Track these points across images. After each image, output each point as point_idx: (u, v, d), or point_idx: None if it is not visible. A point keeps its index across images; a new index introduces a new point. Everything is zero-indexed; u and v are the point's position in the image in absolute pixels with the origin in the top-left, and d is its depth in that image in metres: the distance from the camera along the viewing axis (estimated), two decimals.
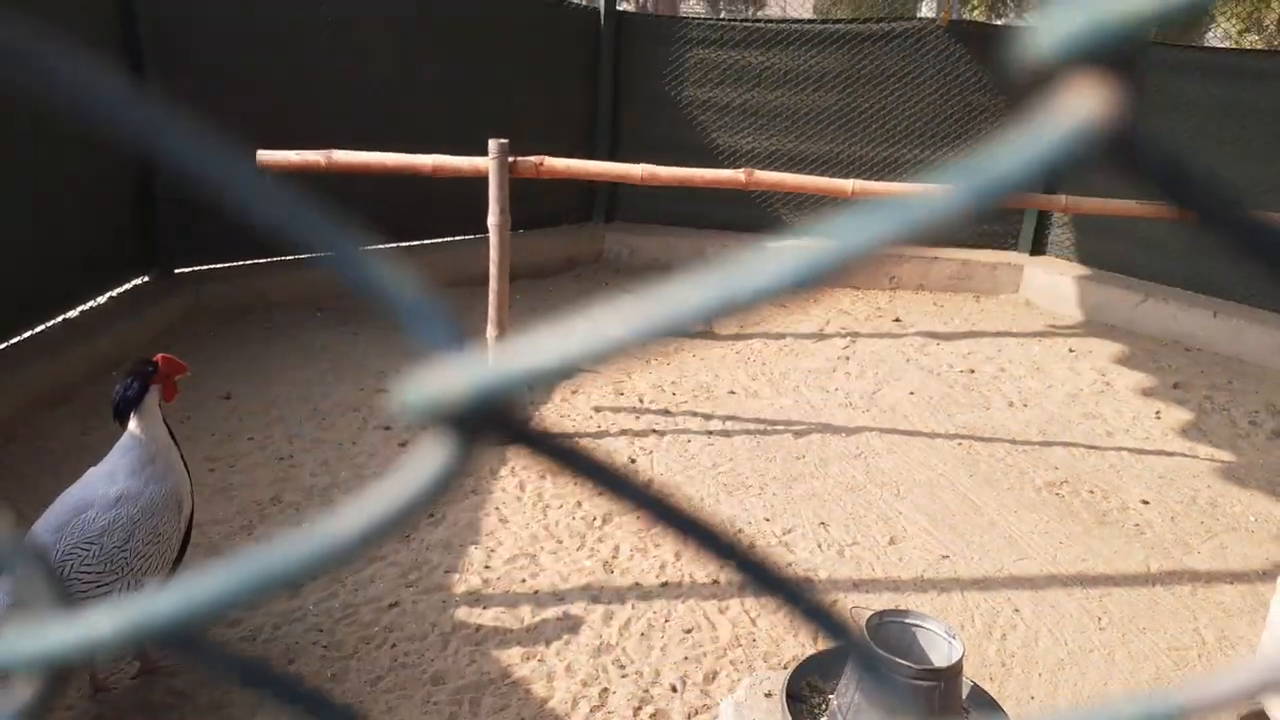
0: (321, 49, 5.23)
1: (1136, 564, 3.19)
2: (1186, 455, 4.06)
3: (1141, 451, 4.08)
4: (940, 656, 1.96)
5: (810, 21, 6.41)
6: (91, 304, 4.55)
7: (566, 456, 0.30)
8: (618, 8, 6.43)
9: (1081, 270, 6.17)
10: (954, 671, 1.90)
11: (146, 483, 2.18)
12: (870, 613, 2.02)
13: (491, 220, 3.68)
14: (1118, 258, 6.05)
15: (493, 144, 3.62)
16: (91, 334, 4.28)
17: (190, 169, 0.29)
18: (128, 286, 4.84)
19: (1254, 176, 5.23)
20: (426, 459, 0.30)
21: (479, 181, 3.74)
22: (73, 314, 4.43)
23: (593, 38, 6.39)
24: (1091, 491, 3.68)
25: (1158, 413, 4.52)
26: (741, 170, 3.70)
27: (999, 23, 11.32)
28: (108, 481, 2.15)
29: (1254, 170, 5.26)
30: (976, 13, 14.67)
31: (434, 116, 5.71)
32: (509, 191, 3.69)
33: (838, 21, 6.40)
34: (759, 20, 6.64)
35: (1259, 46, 8.87)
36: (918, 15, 10.16)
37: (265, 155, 3.68)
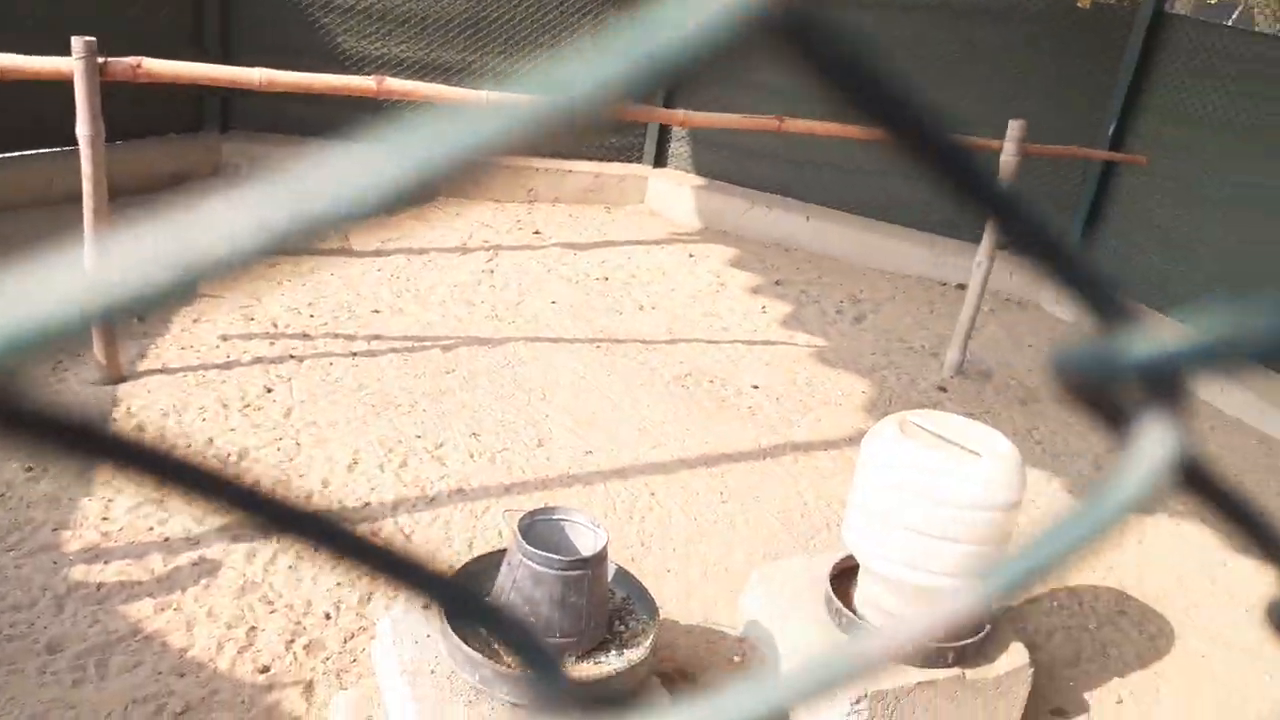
0: None
1: (750, 442, 3.61)
2: (787, 343, 4.61)
3: (751, 343, 4.57)
4: (586, 546, 2.11)
5: None
6: None
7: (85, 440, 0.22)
8: None
9: (698, 181, 6.67)
10: (599, 559, 2.06)
11: None
12: (522, 514, 2.12)
13: (81, 131, 3.22)
14: (727, 170, 6.61)
15: (76, 42, 3.14)
16: None
17: None
18: None
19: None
20: None
21: (61, 85, 3.25)
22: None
23: None
24: (711, 381, 4.08)
25: (764, 308, 5.07)
26: (372, 78, 3.54)
27: None
28: None
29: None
30: None
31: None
32: (100, 98, 3.24)
33: None
34: None
35: None
36: None
37: None
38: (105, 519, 2.72)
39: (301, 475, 3.06)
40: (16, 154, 5.30)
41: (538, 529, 2.08)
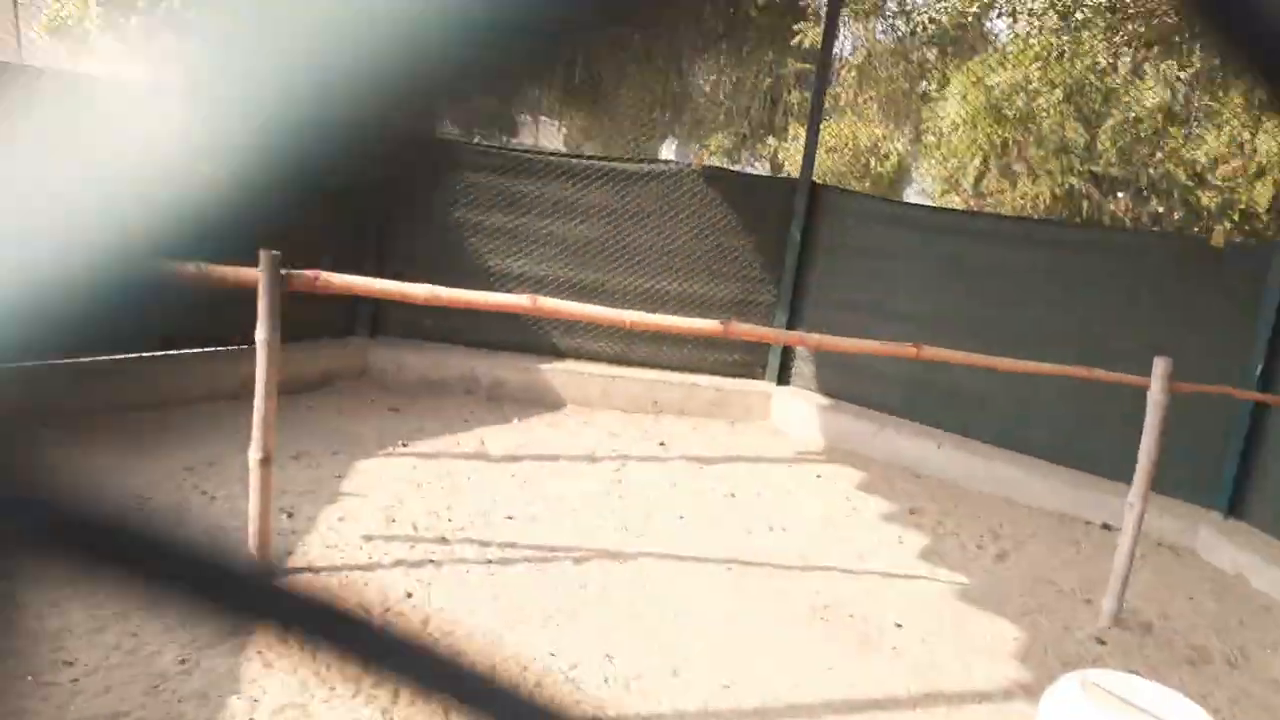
0: None
1: (899, 687, 3.41)
2: (929, 579, 4.43)
3: (890, 575, 4.41)
4: None
5: (577, 156, 6.71)
6: None
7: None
8: None
9: (824, 401, 6.70)
10: None
11: None
12: None
13: (260, 335, 3.47)
14: (854, 391, 6.63)
15: (263, 255, 3.44)
16: None
17: None
18: None
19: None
20: None
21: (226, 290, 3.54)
22: None
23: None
24: (852, 615, 3.92)
25: (900, 538, 4.93)
26: (526, 296, 3.75)
27: (748, 171, 12.37)
28: None
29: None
30: (714, 158, 15.98)
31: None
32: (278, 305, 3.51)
33: (603, 159, 6.74)
34: (528, 150, 6.85)
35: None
36: (664, 158, 10.91)
37: None
38: (251, 719, 2.70)
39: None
40: (188, 351, 5.73)
41: None
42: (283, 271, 3.40)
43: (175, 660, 2.95)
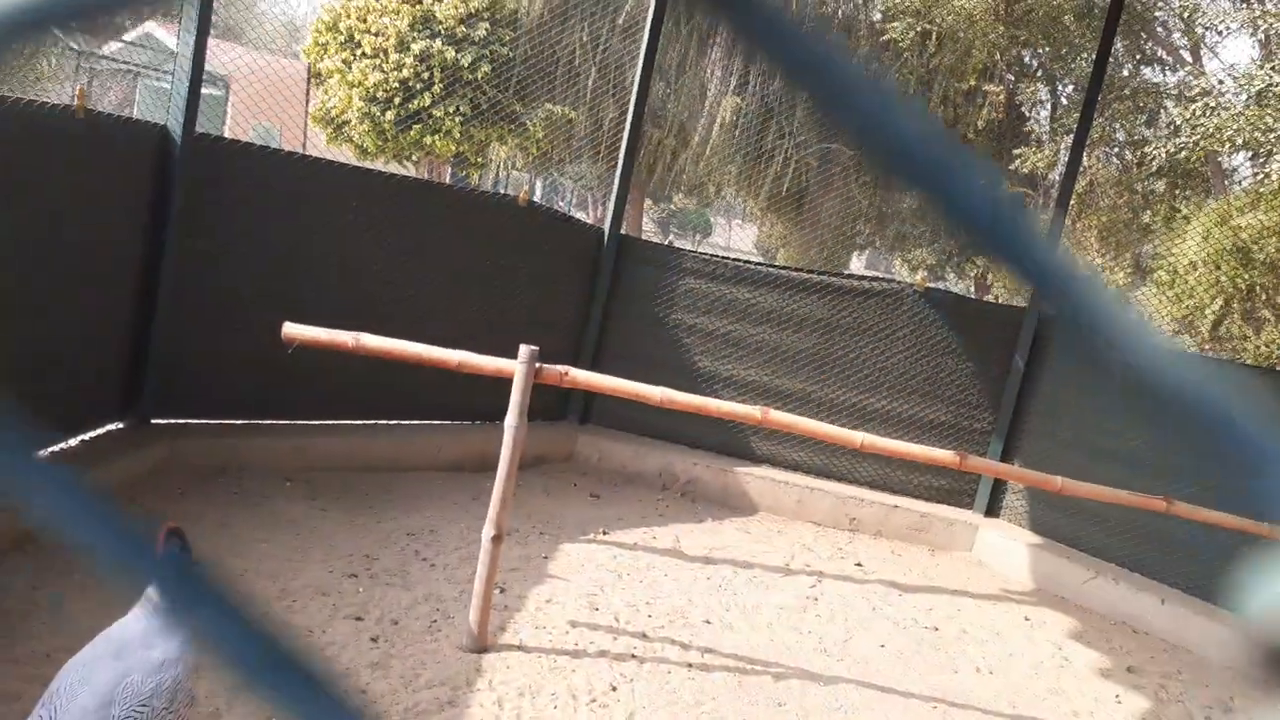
0: (333, 239, 5.38)
1: None
2: None
3: None
4: None
5: (797, 269, 6.83)
6: (62, 446, 4.36)
7: None
8: (620, 231, 6.78)
9: (1033, 538, 6.37)
10: None
11: (180, 646, 2.13)
12: None
13: (509, 422, 3.70)
14: (1068, 531, 6.27)
15: (523, 349, 3.69)
16: None
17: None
18: (100, 431, 4.66)
19: None
20: None
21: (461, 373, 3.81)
22: (43, 454, 4.22)
23: (595, 254, 6.69)
24: None
25: (1118, 696, 4.57)
26: (758, 407, 3.83)
27: (974, 297, 12.16)
28: (144, 644, 2.09)
29: None
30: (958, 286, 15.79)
31: (432, 306, 5.83)
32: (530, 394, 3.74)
33: (822, 273, 6.82)
34: (748, 261, 7.03)
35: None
36: (869, 273, 10.86)
37: (292, 329, 3.69)
38: None
39: None
40: (416, 422, 6.14)
41: None
42: (537, 365, 3.64)
43: None
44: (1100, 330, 0.25)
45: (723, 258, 6.88)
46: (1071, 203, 12.43)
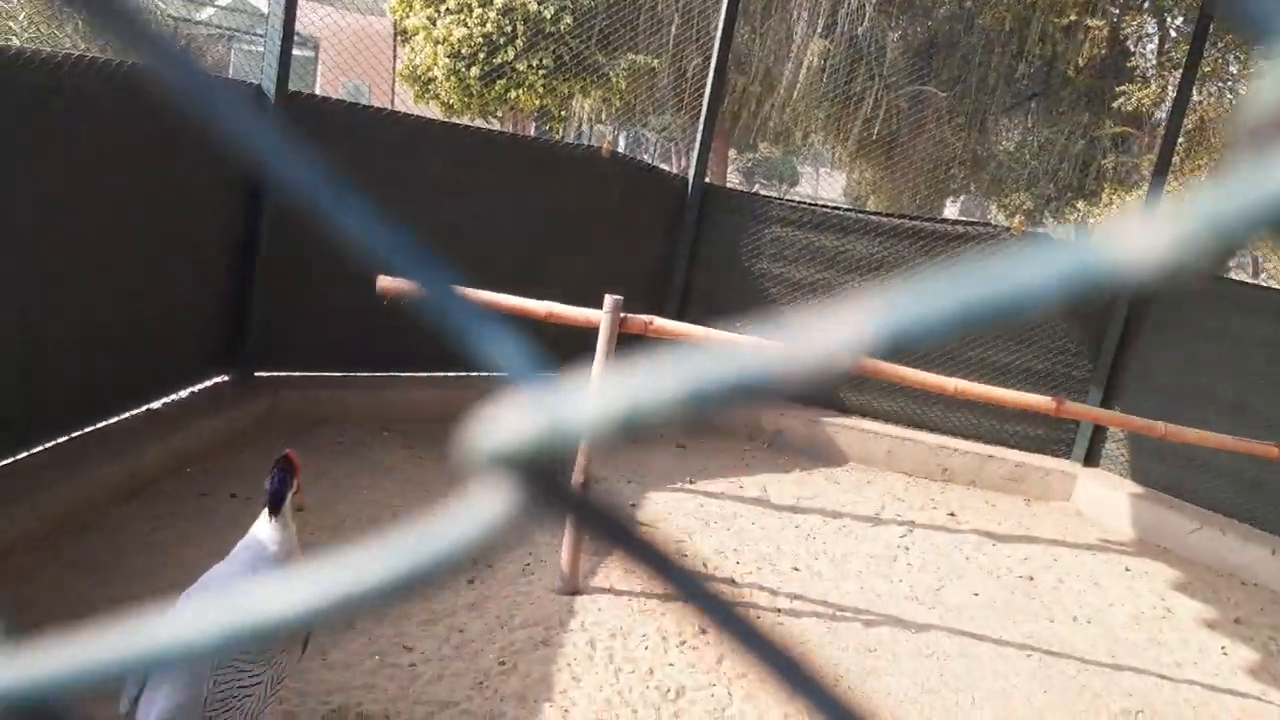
0: (422, 193, 5.45)
1: None
2: (1260, 699, 3.96)
3: (1214, 689, 3.98)
4: None
5: (888, 214, 6.66)
6: (173, 397, 4.59)
7: (622, 538, 0.29)
8: (705, 180, 6.71)
9: (1134, 488, 6.17)
10: None
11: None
12: None
13: (595, 372, 3.73)
14: (1171, 480, 6.06)
15: (608, 299, 3.71)
16: (170, 429, 4.29)
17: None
18: (208, 384, 4.88)
19: None
20: (478, 507, 0.29)
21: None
22: (156, 405, 4.46)
23: (679, 203, 6.64)
24: None
25: (1223, 648, 4.43)
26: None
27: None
28: (253, 570, 2.17)
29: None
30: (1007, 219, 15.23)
31: (518, 258, 5.89)
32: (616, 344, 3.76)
33: (914, 218, 6.65)
34: (838, 207, 6.90)
35: None
36: (952, 217, 10.55)
37: (386, 282, 3.78)
38: None
39: None
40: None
41: None
42: (622, 315, 3.65)
43: (496, 660, 3.23)
44: None
45: (811, 203, 6.77)
46: (1180, 141, 11.83)
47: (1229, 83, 13.20)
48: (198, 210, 4.52)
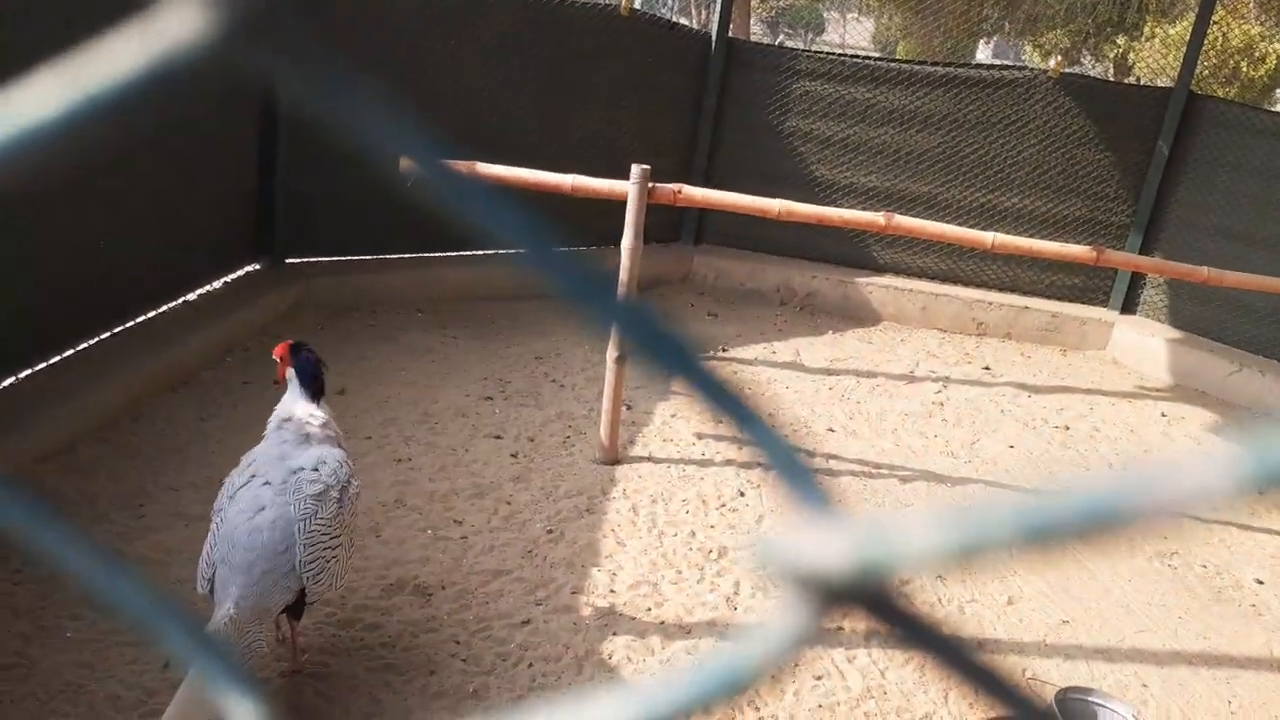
0: (436, 57, 5.30)
1: (1259, 646, 3.16)
2: None
3: (1249, 528, 4.03)
4: None
5: (920, 63, 6.40)
6: (208, 288, 4.63)
7: (928, 642, 0.29)
8: (728, 34, 6.46)
9: (1173, 333, 6.11)
10: None
11: (338, 447, 2.31)
12: (1045, 684, 2.02)
13: (626, 243, 3.70)
14: (1210, 323, 5.99)
15: (635, 169, 3.64)
16: (209, 319, 4.35)
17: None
18: (241, 273, 4.91)
19: None
20: (783, 622, 0.30)
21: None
22: (192, 297, 4.50)
23: (701, 63, 6.42)
24: (1204, 566, 3.65)
25: (1261, 489, 4.46)
26: (880, 213, 3.71)
27: (1112, 80, 11.25)
28: (302, 445, 2.25)
29: None
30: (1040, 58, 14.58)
31: (532, 128, 5.77)
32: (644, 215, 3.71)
33: (947, 64, 6.39)
34: (869, 57, 6.63)
35: None
36: (1026, 64, 10.11)
37: (409, 162, 3.73)
38: (612, 591, 3.01)
39: (777, 586, 3.17)
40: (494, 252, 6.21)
41: (1070, 707, 1.97)
42: (650, 185, 3.59)
43: (544, 530, 3.33)
44: None
45: (838, 54, 6.51)
46: None
47: None
48: (221, 103, 4.44)
